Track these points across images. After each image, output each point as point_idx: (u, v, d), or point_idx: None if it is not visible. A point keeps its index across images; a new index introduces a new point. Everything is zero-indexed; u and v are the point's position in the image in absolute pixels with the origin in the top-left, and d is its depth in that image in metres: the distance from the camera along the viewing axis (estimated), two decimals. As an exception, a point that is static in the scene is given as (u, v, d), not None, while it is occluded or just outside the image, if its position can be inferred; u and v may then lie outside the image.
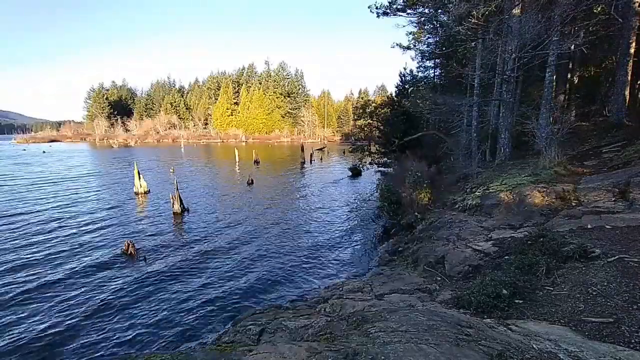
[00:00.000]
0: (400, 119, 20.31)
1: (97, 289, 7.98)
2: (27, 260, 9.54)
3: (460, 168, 14.25)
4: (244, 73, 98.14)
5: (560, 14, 11.08)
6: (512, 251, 5.60)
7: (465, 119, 16.80)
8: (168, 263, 9.52)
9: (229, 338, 4.94)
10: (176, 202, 14.83)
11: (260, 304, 7.09)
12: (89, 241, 11.30)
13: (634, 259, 4.12)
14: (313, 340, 3.12)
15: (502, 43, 12.79)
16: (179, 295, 7.68)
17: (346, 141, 62.90)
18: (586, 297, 3.64)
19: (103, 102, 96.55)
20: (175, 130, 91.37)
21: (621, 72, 12.04)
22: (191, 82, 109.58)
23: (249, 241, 11.48)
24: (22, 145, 79.40)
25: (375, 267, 8.97)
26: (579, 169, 9.40)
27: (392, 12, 18.83)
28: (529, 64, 13.18)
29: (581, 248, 4.54)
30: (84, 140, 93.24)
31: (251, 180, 22.96)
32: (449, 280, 5.98)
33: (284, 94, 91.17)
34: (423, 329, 2.83)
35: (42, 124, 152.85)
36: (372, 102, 31.62)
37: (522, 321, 3.52)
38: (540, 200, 7.62)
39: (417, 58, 25.33)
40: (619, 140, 10.71)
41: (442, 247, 7.03)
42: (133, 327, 6.45)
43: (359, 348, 2.52)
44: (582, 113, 15.97)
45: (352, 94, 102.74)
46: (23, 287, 7.97)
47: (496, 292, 4.08)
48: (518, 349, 2.56)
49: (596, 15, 13.30)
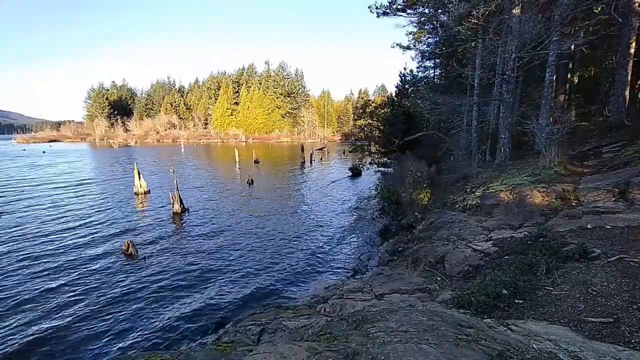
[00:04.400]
0: (400, 119, 20.33)
1: (96, 289, 7.98)
2: (26, 260, 9.54)
3: (460, 168, 14.24)
4: (244, 73, 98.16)
5: (560, 14, 11.08)
6: (512, 251, 5.59)
7: (465, 119, 16.80)
8: (168, 263, 9.53)
9: (229, 338, 4.95)
10: (176, 202, 14.83)
11: (260, 304, 7.08)
12: (88, 241, 11.30)
13: (634, 259, 4.12)
14: (313, 340, 3.12)
15: (502, 43, 12.79)
16: (178, 295, 7.69)
17: (346, 141, 62.92)
18: (586, 297, 3.64)
19: (103, 102, 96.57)
20: (175, 130, 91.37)
21: (621, 72, 12.03)
22: (191, 82, 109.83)
23: (249, 241, 11.48)
24: (22, 145, 79.40)
25: (375, 267, 8.97)
26: (579, 169, 9.40)
27: (392, 12, 18.81)
28: (529, 64, 13.17)
29: (581, 248, 4.54)
30: (84, 140, 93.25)
31: (251, 180, 22.96)
32: (449, 280, 5.97)
33: (284, 94, 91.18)
34: (423, 329, 2.83)
35: (42, 124, 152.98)
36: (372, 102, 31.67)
37: (522, 321, 3.52)
38: (540, 200, 7.62)
39: (417, 58, 25.33)
40: (619, 140, 10.70)
41: (442, 247, 7.02)
42: (133, 327, 6.45)
43: (359, 348, 2.52)
44: (582, 113, 15.96)
45: (352, 94, 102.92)
46: (22, 287, 7.97)
47: (496, 292, 4.08)
48: (518, 349, 2.55)
49: (596, 15, 13.28)
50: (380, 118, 24.64)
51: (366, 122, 26.49)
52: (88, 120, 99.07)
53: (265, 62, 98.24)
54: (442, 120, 20.01)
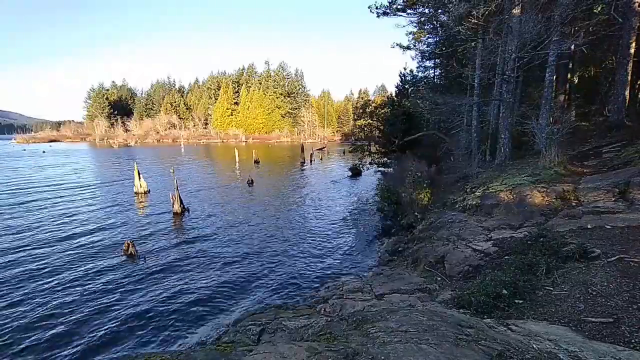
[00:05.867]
0: (400, 119, 20.33)
1: (96, 289, 7.97)
2: (26, 260, 9.54)
3: (460, 168, 14.25)
4: (244, 73, 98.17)
5: (560, 14, 11.08)
6: (512, 251, 5.59)
7: (465, 119, 16.81)
8: (168, 263, 9.52)
9: (229, 338, 4.95)
10: (176, 202, 14.82)
11: (260, 304, 7.08)
12: (88, 241, 11.29)
13: (634, 259, 4.12)
14: (313, 340, 3.12)
15: (502, 43, 12.79)
16: (178, 296, 7.68)
17: (346, 141, 62.93)
18: (586, 297, 3.64)
19: (103, 102, 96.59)
20: (175, 130, 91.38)
21: (621, 72, 12.03)
22: (191, 82, 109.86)
23: (249, 241, 11.48)
24: (22, 145, 79.40)
25: (375, 267, 8.97)
26: (579, 169, 9.40)
27: (392, 12, 18.82)
28: (529, 64, 13.18)
29: (581, 248, 4.54)
30: (84, 140, 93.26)
31: (251, 180, 22.96)
32: (449, 280, 5.97)
33: (284, 94, 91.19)
34: (423, 329, 2.83)
35: (42, 124, 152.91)
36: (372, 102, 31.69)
37: (522, 321, 3.52)
38: (540, 200, 7.62)
39: (417, 58, 25.35)
40: (619, 140, 10.70)
41: (442, 247, 7.02)
42: (133, 327, 6.44)
43: (359, 348, 2.52)
44: (582, 113, 15.97)
45: (352, 94, 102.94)
46: (22, 287, 7.96)
47: (496, 292, 4.08)
48: (518, 349, 2.55)
49: (596, 15, 13.29)
50: (380, 118, 24.64)
51: (366, 122, 26.49)
52: (88, 120, 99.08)
53: (265, 62, 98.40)
54: (442, 120, 20.02)
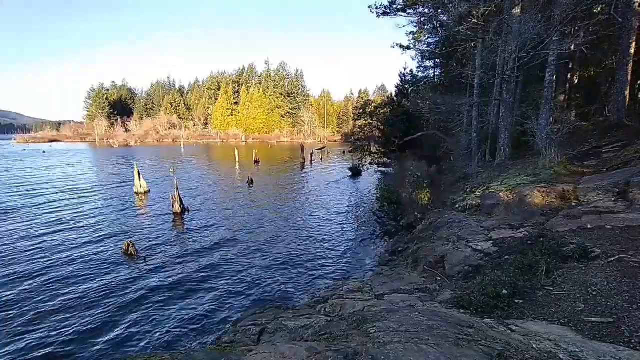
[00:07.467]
0: (400, 119, 20.38)
1: (96, 289, 7.97)
2: (26, 260, 9.54)
3: (460, 168, 14.26)
4: (244, 73, 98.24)
5: (560, 14, 11.09)
6: (512, 251, 5.59)
7: (465, 119, 16.81)
8: (168, 263, 9.52)
9: (229, 338, 4.94)
10: (176, 202, 14.82)
11: (260, 304, 7.08)
12: (88, 241, 11.29)
13: (634, 259, 4.12)
14: (313, 340, 3.12)
15: (502, 43, 12.80)
16: (178, 296, 7.68)
17: (346, 141, 62.82)
18: (586, 297, 3.64)
19: (103, 102, 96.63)
20: (175, 130, 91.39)
21: (621, 72, 12.04)
22: (191, 82, 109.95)
23: (249, 241, 11.48)
24: (22, 145, 79.38)
25: (375, 267, 8.97)
26: (579, 169, 9.40)
27: (392, 12, 18.83)
28: (529, 64, 13.18)
29: (581, 248, 4.54)
30: (84, 140, 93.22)
31: (251, 180, 22.96)
32: (449, 280, 5.97)
33: (284, 94, 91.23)
34: (423, 329, 2.83)
35: (42, 124, 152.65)
36: (372, 102, 31.67)
37: (522, 321, 3.52)
38: (540, 200, 7.63)
39: (417, 58, 25.34)
40: (619, 140, 10.70)
41: (442, 247, 7.02)
42: (133, 327, 6.44)
43: (359, 348, 2.52)
44: (582, 113, 15.97)
45: (352, 94, 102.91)
46: (22, 287, 7.96)
47: (496, 292, 4.08)
48: (518, 349, 2.56)
49: (596, 15, 13.30)
50: (380, 118, 24.67)
51: (366, 122, 26.50)
52: (88, 120, 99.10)
53: (265, 62, 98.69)
54: (442, 120, 20.01)
